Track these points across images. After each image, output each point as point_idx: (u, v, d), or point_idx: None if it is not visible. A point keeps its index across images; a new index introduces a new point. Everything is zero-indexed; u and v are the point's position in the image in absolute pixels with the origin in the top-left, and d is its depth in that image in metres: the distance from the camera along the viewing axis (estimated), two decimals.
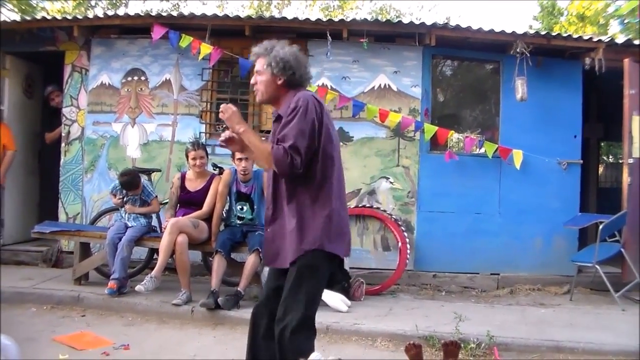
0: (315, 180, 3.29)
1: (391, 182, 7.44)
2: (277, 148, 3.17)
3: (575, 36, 7.39)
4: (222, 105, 3.46)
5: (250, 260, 5.99)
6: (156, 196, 6.80)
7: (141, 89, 7.74)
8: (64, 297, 6.21)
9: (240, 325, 5.64)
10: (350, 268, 6.75)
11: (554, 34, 7.52)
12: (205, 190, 6.48)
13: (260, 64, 3.43)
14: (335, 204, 3.33)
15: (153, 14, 7.35)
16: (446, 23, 7.60)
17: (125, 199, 6.63)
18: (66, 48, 7.91)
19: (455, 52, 7.78)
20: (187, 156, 6.50)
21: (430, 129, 7.23)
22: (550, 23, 17.38)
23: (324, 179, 3.31)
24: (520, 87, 7.08)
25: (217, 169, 6.77)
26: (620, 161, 8.85)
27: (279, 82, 3.38)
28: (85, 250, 6.75)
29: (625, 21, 14.35)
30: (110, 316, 5.90)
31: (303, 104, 3.22)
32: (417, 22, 7.25)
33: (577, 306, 6.62)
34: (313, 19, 7.27)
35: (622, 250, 6.73)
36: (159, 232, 6.69)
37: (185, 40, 7.15)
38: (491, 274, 7.42)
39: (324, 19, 7.45)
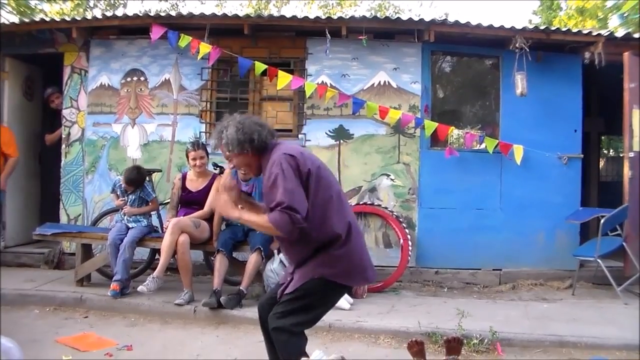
0: (315, 222, 3.35)
1: (392, 179, 7.44)
2: (272, 214, 3.24)
3: (574, 30, 7.37)
4: (215, 200, 3.58)
5: (252, 259, 5.99)
6: (155, 196, 6.81)
7: (141, 89, 7.73)
8: (66, 298, 6.21)
9: (243, 324, 5.66)
10: None
11: (553, 28, 7.51)
12: (206, 190, 6.48)
13: (223, 152, 3.57)
14: (342, 235, 3.40)
15: (151, 14, 7.37)
16: (445, 19, 7.59)
17: (125, 199, 6.63)
18: (65, 49, 7.91)
19: (455, 48, 7.77)
20: (187, 156, 6.50)
21: (431, 126, 7.22)
22: (550, 17, 17.35)
23: (325, 218, 3.38)
24: (520, 82, 7.07)
25: (218, 169, 6.77)
26: (621, 155, 8.85)
27: (250, 154, 3.49)
28: (87, 252, 6.75)
29: (625, 14, 14.33)
30: (113, 317, 5.90)
31: (277, 169, 3.29)
32: (416, 19, 7.24)
33: (579, 301, 6.63)
34: (312, 17, 7.29)
35: (624, 244, 6.73)
36: (161, 232, 6.69)
37: (184, 40, 7.15)
38: (493, 270, 7.42)
39: (323, 17, 7.46)
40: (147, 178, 6.91)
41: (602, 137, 12.43)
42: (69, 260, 7.56)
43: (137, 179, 6.58)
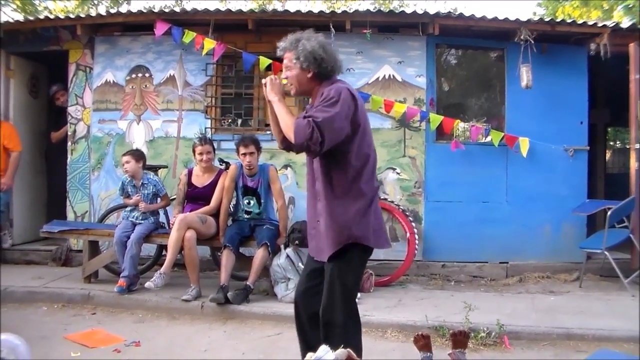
0: (348, 175, 3.32)
1: (398, 173, 7.44)
2: (300, 119, 3.16)
3: (579, 22, 7.34)
4: (269, 78, 3.43)
5: (259, 254, 6.00)
6: (166, 192, 6.83)
7: (146, 85, 7.74)
8: (74, 295, 6.24)
9: (250, 320, 5.67)
10: None
11: (558, 20, 7.47)
12: (212, 185, 6.48)
13: (288, 58, 3.41)
14: (367, 198, 3.37)
15: (155, 10, 7.33)
16: (449, 12, 7.58)
17: (140, 195, 6.63)
18: (70, 47, 7.92)
19: (459, 40, 7.75)
20: (194, 151, 6.51)
21: (436, 119, 7.21)
22: (555, 8, 17.26)
23: (358, 175, 3.35)
24: (525, 75, 7.05)
25: (224, 164, 6.77)
26: (628, 147, 8.80)
27: (309, 76, 3.37)
28: (94, 249, 6.77)
29: (630, 5, 14.24)
30: (120, 313, 5.93)
31: (336, 95, 3.20)
32: (420, 12, 7.22)
33: (586, 293, 6.61)
34: (316, 11, 7.26)
35: (631, 236, 6.70)
36: (167, 228, 6.70)
37: (189, 36, 7.15)
38: (500, 263, 7.41)
39: (327, 11, 7.43)
40: (154, 174, 6.92)
41: (609, 129, 12.39)
42: (76, 257, 7.58)
43: (141, 154, 6.67)
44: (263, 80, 3.46)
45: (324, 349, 2.46)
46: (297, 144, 3.16)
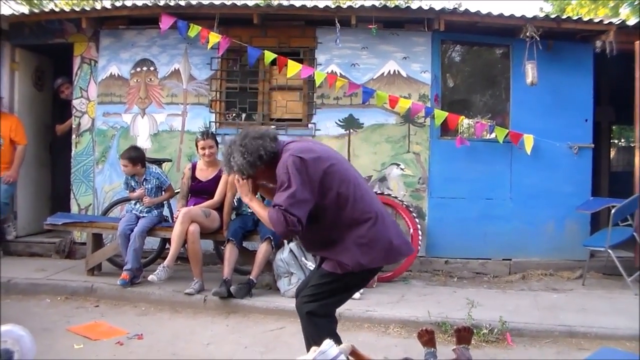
0: (327, 222, 3.37)
1: (402, 169, 7.43)
2: (270, 210, 3.27)
3: (585, 19, 7.32)
4: (236, 181, 3.58)
5: (262, 249, 6.00)
6: (170, 183, 6.82)
7: (150, 79, 7.74)
8: (77, 287, 6.26)
9: (253, 314, 5.68)
10: None
11: (564, 17, 7.48)
12: (216, 179, 6.48)
13: (239, 177, 3.52)
14: (355, 229, 3.37)
15: (161, 4, 7.34)
16: (455, 8, 7.56)
17: (142, 188, 6.63)
18: (75, 40, 7.92)
19: (465, 37, 7.73)
20: (196, 146, 6.50)
21: (441, 115, 7.20)
22: (563, 5, 17.23)
23: (344, 211, 3.36)
24: (531, 71, 7.03)
25: None
26: (632, 145, 8.78)
27: (263, 170, 3.43)
28: (97, 241, 6.78)
29: (636, 2, 14.20)
30: (123, 306, 5.94)
31: (283, 171, 3.27)
32: (425, 8, 7.22)
33: (589, 291, 6.61)
34: (321, 6, 7.26)
35: (635, 234, 6.70)
36: (171, 221, 6.71)
37: (194, 30, 7.14)
38: (503, 260, 7.41)
39: (332, 6, 7.44)
40: (158, 167, 6.93)
41: (613, 127, 12.35)
42: (79, 249, 7.60)
43: (138, 156, 6.60)
44: (236, 182, 3.59)
45: (328, 343, 2.46)
46: (282, 235, 3.40)
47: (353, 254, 3.33)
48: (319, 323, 3.44)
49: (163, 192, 6.73)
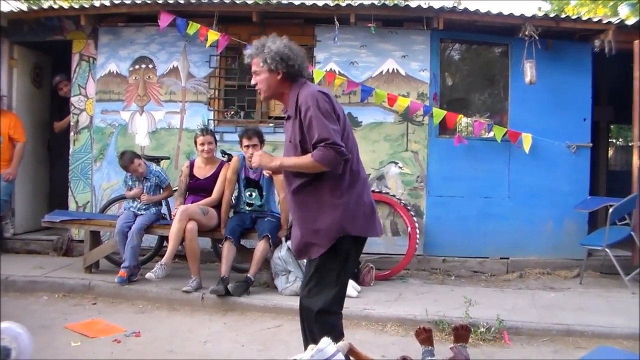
0: (329, 173, 3.31)
1: (400, 167, 7.43)
2: (316, 152, 3.21)
3: (584, 18, 7.32)
4: (252, 158, 3.52)
5: (260, 247, 6.00)
6: (169, 182, 6.82)
7: (149, 76, 7.74)
8: (75, 285, 6.25)
9: (250, 312, 5.68)
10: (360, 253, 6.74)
11: (562, 16, 7.49)
12: (214, 177, 6.48)
13: (255, 64, 3.47)
14: (351, 192, 3.36)
15: (160, 1, 7.31)
16: (454, 6, 7.57)
17: (141, 187, 6.63)
18: (73, 37, 7.92)
19: (464, 35, 7.73)
20: (195, 142, 6.50)
21: (439, 113, 7.20)
22: (562, 4, 17.23)
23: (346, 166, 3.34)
24: (529, 70, 7.03)
25: (226, 156, 6.77)
26: (630, 144, 8.79)
27: (279, 77, 3.40)
28: (95, 239, 6.78)
29: (635, 2, 14.21)
30: (121, 304, 5.94)
31: (313, 103, 3.25)
32: (424, 6, 7.21)
33: (587, 290, 6.61)
34: (320, 4, 7.23)
35: (632, 233, 6.70)
36: (169, 219, 6.71)
37: (193, 28, 7.14)
38: (501, 258, 7.41)
39: (332, 4, 7.41)
40: (156, 165, 6.93)
41: (612, 126, 12.37)
42: (77, 247, 7.60)
43: (128, 162, 6.54)
44: (253, 163, 3.53)
45: (325, 341, 2.47)
46: (335, 168, 3.27)
47: (341, 220, 3.31)
48: (330, 321, 3.40)
49: (162, 191, 6.73)
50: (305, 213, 3.43)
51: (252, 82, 3.55)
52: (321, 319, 3.37)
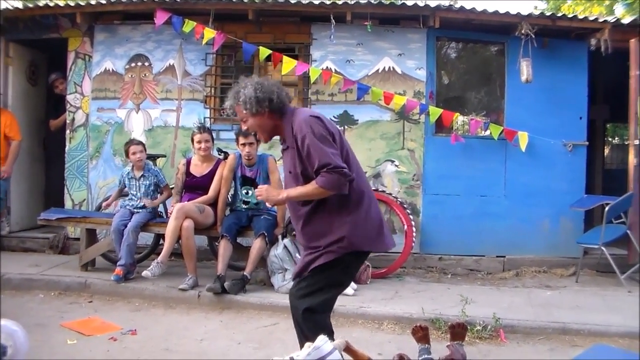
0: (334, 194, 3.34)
1: (396, 165, 7.43)
2: (320, 179, 3.22)
3: (581, 17, 7.35)
4: (256, 192, 3.57)
5: (256, 245, 6.00)
6: (167, 182, 6.82)
7: (145, 74, 7.73)
8: (71, 283, 6.24)
9: (246, 310, 5.68)
10: None
11: (559, 14, 7.47)
12: (210, 175, 6.48)
13: (239, 112, 3.50)
14: (359, 209, 3.38)
15: None
16: (450, 5, 7.57)
17: (135, 186, 6.63)
18: (69, 35, 7.90)
19: (460, 34, 7.73)
20: (192, 140, 6.50)
21: (435, 112, 7.21)
22: (558, 3, 17.24)
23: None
24: (526, 69, 7.04)
25: (222, 154, 6.77)
26: (626, 143, 8.82)
27: (266, 116, 3.43)
28: (91, 237, 6.77)
29: (630, 1, 14.22)
30: (117, 302, 5.93)
31: (307, 130, 3.27)
32: (421, 4, 7.21)
33: (583, 288, 6.63)
34: (316, 2, 7.23)
35: (628, 232, 6.73)
36: (165, 217, 6.70)
37: (189, 26, 7.13)
38: (497, 257, 7.42)
39: (328, 2, 7.40)
40: (153, 163, 6.92)
41: (608, 125, 12.40)
42: (73, 245, 7.59)
43: (133, 143, 6.64)
44: (258, 196, 3.57)
45: (322, 339, 2.47)
46: (343, 191, 3.28)
47: (347, 232, 3.33)
48: (317, 319, 3.40)
49: (159, 191, 6.73)
50: (312, 231, 3.45)
51: (243, 128, 3.62)
52: (308, 317, 3.39)
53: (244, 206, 6.40)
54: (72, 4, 7.50)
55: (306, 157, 3.28)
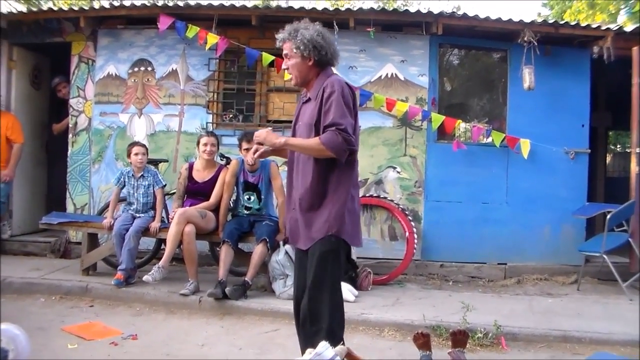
0: (341, 164, 3.36)
1: (398, 172, 7.44)
2: (324, 135, 3.25)
3: (583, 24, 7.35)
4: (256, 133, 3.51)
5: (258, 250, 5.99)
6: (164, 185, 6.80)
7: (148, 79, 7.74)
8: (72, 287, 6.24)
9: (247, 315, 5.67)
10: (358, 258, 6.75)
11: (561, 22, 7.47)
12: (212, 181, 6.48)
13: (287, 48, 3.48)
14: (354, 190, 3.45)
15: (159, 4, 7.37)
16: (453, 12, 7.57)
17: (134, 185, 6.62)
18: (73, 39, 7.92)
19: (463, 41, 7.74)
20: (198, 143, 6.51)
21: (438, 118, 7.21)
22: (564, 8, 17.28)
23: (349, 163, 3.41)
24: (528, 76, 7.05)
25: (225, 159, 6.77)
26: (628, 150, 8.80)
27: (310, 63, 3.44)
28: (93, 241, 6.77)
29: (633, 10, 14.24)
30: (118, 306, 5.92)
31: (338, 89, 3.29)
32: (424, 11, 7.21)
33: (584, 296, 6.62)
34: (320, 8, 7.25)
35: (630, 240, 6.71)
36: (167, 222, 6.70)
37: (192, 31, 7.15)
38: (498, 264, 7.42)
39: (331, 9, 7.43)
40: (155, 168, 6.93)
41: (610, 133, 12.39)
42: (75, 249, 7.59)
43: (137, 145, 6.66)
44: (256, 137, 3.50)
45: (323, 345, 2.47)
46: (340, 155, 3.27)
47: (339, 219, 3.37)
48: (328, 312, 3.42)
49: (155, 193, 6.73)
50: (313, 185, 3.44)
51: (283, 65, 3.58)
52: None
53: (245, 212, 6.40)
54: (75, 8, 7.55)
55: (325, 111, 3.30)
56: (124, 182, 6.68)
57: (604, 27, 7.17)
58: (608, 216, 6.63)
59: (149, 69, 7.74)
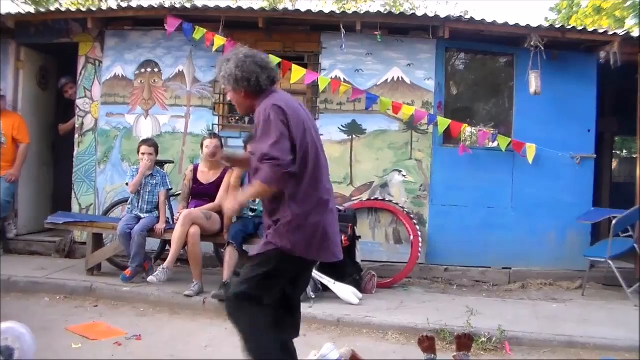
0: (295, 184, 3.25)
1: (404, 175, 7.43)
2: (260, 173, 3.14)
3: (590, 29, 7.32)
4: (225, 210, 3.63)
5: None
6: (170, 188, 6.82)
7: (154, 80, 7.76)
8: (77, 287, 6.25)
9: None
10: (362, 261, 6.75)
11: (568, 27, 7.46)
12: (217, 182, 6.48)
13: (222, 84, 3.48)
14: (303, 207, 3.28)
15: (167, 5, 7.36)
16: (460, 16, 7.57)
17: (142, 183, 6.63)
18: (80, 40, 7.94)
19: (469, 45, 7.75)
20: (202, 146, 6.51)
21: (444, 122, 7.20)
22: (570, 13, 17.26)
23: (299, 179, 3.25)
24: (534, 81, 7.03)
25: None
26: (635, 156, 8.80)
27: (242, 95, 3.39)
28: (98, 241, 6.79)
29: None
30: (122, 307, 5.93)
31: (263, 117, 3.19)
32: (431, 15, 7.22)
33: (589, 301, 6.60)
34: (327, 11, 7.25)
35: (635, 245, 6.70)
36: (172, 223, 6.71)
37: (199, 32, 7.16)
38: (503, 268, 7.40)
39: (338, 12, 7.43)
40: (160, 169, 6.94)
41: (616, 138, 12.34)
42: (80, 249, 7.61)
43: (157, 145, 6.76)
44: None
45: (328, 347, 2.47)
46: (283, 186, 3.17)
47: (287, 235, 3.28)
48: (252, 311, 3.37)
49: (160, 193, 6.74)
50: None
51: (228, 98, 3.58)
52: (243, 305, 3.41)
53: (250, 214, 6.40)
54: (83, 9, 7.56)
55: (257, 142, 3.23)
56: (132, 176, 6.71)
57: (611, 32, 7.15)
58: (613, 222, 6.61)
59: (156, 70, 7.76)
